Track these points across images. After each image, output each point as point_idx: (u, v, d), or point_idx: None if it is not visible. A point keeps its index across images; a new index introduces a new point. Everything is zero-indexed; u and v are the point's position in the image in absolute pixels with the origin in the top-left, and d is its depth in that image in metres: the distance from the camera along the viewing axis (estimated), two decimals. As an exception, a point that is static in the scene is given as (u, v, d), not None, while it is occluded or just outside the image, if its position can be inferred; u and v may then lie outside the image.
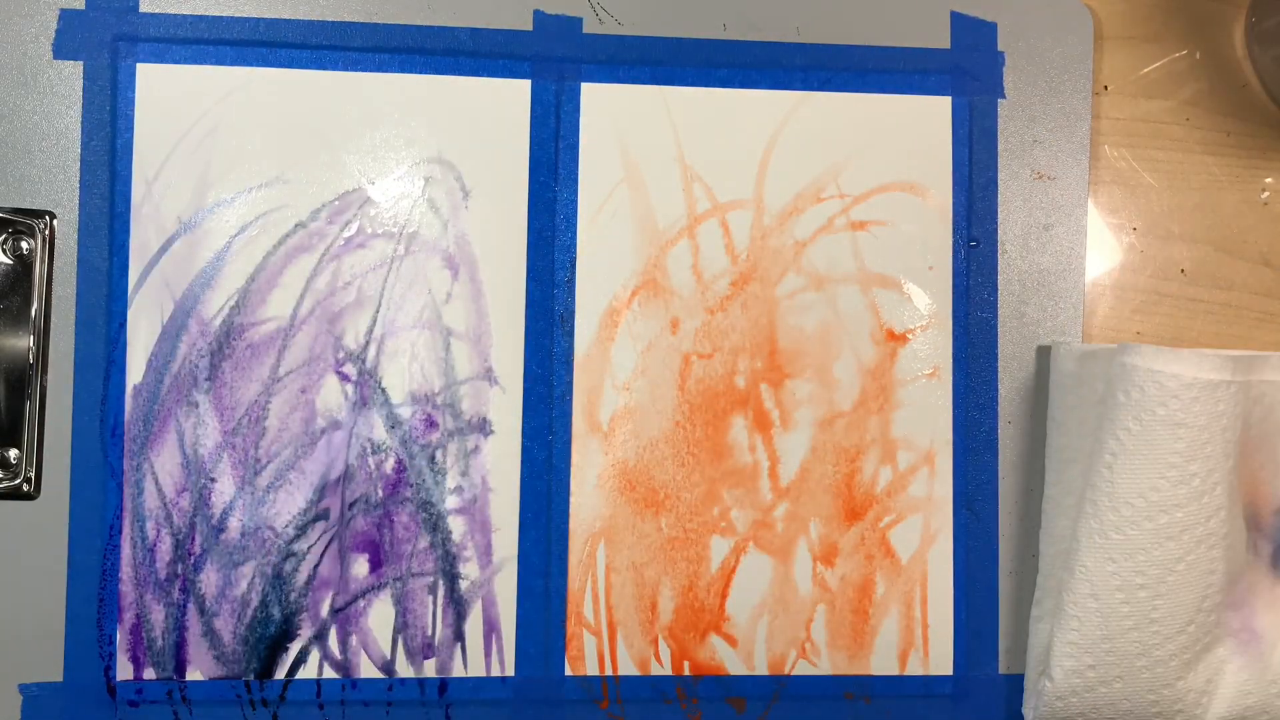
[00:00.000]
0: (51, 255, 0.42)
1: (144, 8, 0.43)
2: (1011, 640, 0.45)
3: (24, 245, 0.42)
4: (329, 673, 0.43)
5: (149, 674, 0.42)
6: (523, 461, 0.44)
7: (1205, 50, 0.47)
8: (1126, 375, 0.41)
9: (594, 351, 0.44)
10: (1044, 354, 0.45)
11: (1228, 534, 0.42)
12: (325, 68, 0.44)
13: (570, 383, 0.44)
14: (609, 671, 0.44)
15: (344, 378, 0.43)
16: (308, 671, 0.43)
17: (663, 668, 0.44)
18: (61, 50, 0.43)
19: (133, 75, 0.43)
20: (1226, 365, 0.41)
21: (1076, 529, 0.42)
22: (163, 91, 0.43)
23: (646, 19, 0.45)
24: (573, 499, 0.44)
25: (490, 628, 0.43)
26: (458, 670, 0.43)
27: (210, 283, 0.43)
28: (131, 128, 0.43)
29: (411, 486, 0.43)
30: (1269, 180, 0.47)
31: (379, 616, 0.43)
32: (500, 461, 0.43)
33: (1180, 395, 0.40)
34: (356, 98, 0.44)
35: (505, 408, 0.44)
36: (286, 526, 0.43)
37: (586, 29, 0.45)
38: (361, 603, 0.43)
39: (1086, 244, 0.46)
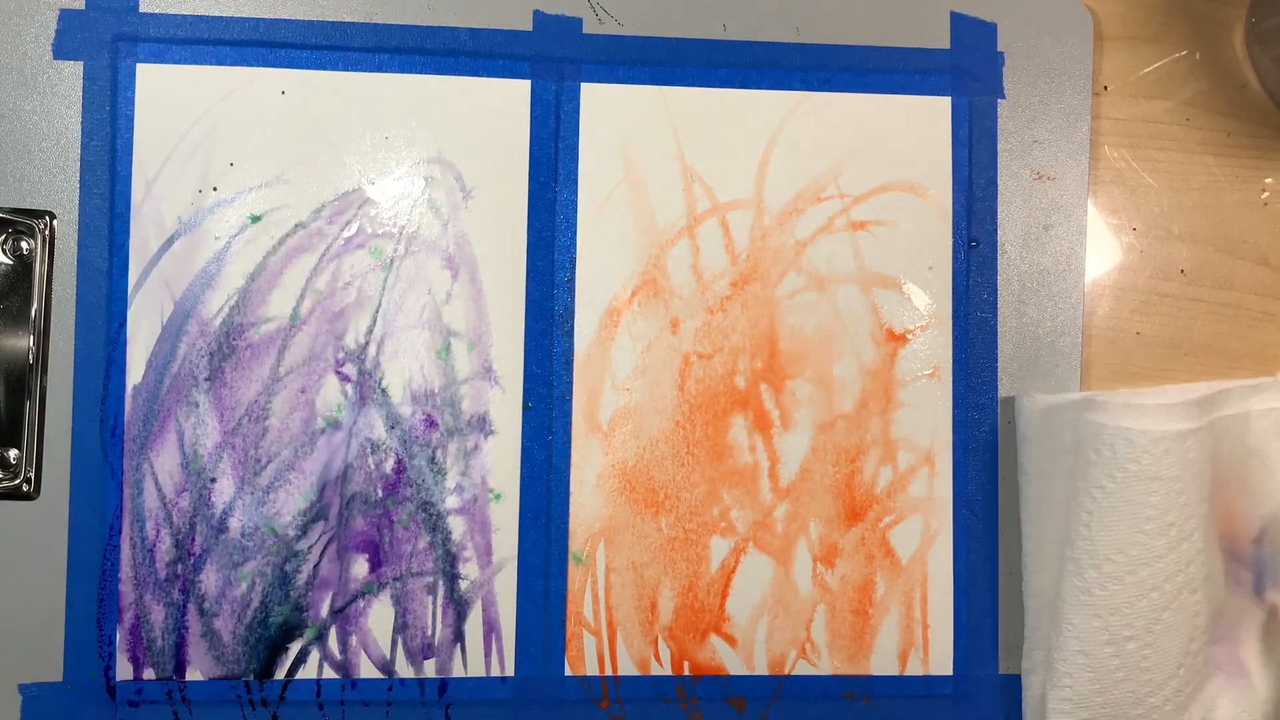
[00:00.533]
0: (51, 255, 0.42)
1: (144, 8, 0.43)
2: (1011, 640, 0.45)
3: (24, 245, 0.42)
4: (329, 673, 0.43)
5: (149, 674, 0.42)
6: (523, 461, 0.44)
7: (1205, 50, 0.47)
8: (1096, 434, 0.41)
9: (594, 351, 0.44)
10: (1010, 406, 0.45)
11: (1208, 575, 0.42)
12: (325, 68, 0.44)
13: (570, 383, 0.44)
14: (609, 671, 0.44)
15: (344, 378, 0.43)
16: (308, 671, 0.43)
17: (663, 668, 0.44)
18: (61, 50, 0.43)
19: (133, 75, 0.43)
20: (1192, 412, 0.41)
21: (1060, 587, 0.42)
22: (163, 91, 0.43)
23: (646, 19, 0.45)
24: (573, 499, 0.44)
25: (490, 628, 0.43)
26: (458, 670, 0.43)
27: (210, 283, 0.43)
28: (131, 128, 0.43)
29: (411, 486, 0.43)
30: (1269, 180, 0.47)
31: (379, 616, 0.43)
32: (500, 461, 0.44)
33: (1151, 450, 0.40)
34: (356, 98, 0.44)
35: (505, 408, 0.44)
36: (286, 526, 0.43)
37: (586, 29, 0.45)
38: (361, 603, 0.43)
39: (1086, 244, 0.46)
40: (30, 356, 0.42)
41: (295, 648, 0.43)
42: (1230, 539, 0.44)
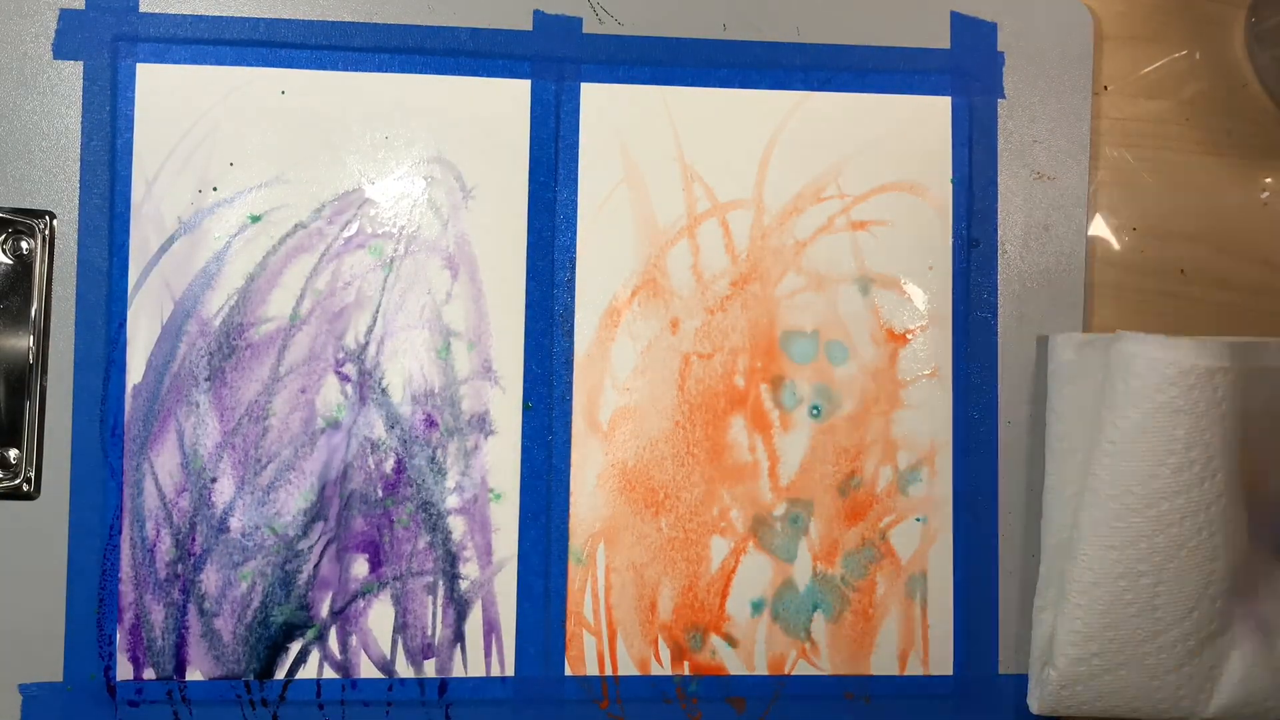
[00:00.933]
0: (51, 255, 0.42)
1: (144, 8, 0.43)
2: (1011, 640, 0.45)
3: (24, 245, 0.42)
4: (329, 673, 0.43)
5: (149, 674, 0.42)
6: (523, 461, 0.44)
7: (1205, 50, 0.47)
8: (1125, 363, 0.41)
9: (594, 351, 0.44)
10: (1044, 344, 0.45)
11: (1230, 521, 0.42)
12: (325, 68, 0.44)
13: (570, 383, 0.44)
14: (609, 671, 0.44)
15: (344, 378, 0.43)
16: (308, 671, 0.43)
17: (663, 668, 0.44)
18: (61, 50, 0.43)
19: (133, 75, 0.43)
20: (1225, 352, 0.41)
21: (1078, 517, 0.42)
22: (163, 91, 0.43)
23: (646, 19, 0.45)
24: (573, 499, 0.44)
25: (490, 628, 0.43)
26: (458, 670, 0.43)
27: (210, 283, 0.43)
28: (131, 128, 0.43)
29: (411, 486, 0.43)
30: (1269, 180, 0.47)
31: (379, 616, 0.43)
32: (500, 461, 0.44)
33: (1179, 383, 0.40)
34: (356, 98, 0.44)
35: (505, 408, 0.44)
36: (287, 526, 0.43)
37: (586, 29, 0.45)
38: (361, 603, 0.43)
39: (1086, 244, 0.46)
40: (30, 356, 0.42)
41: (295, 648, 0.43)
42: (1255, 495, 0.44)
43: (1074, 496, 0.43)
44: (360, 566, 0.43)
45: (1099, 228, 0.47)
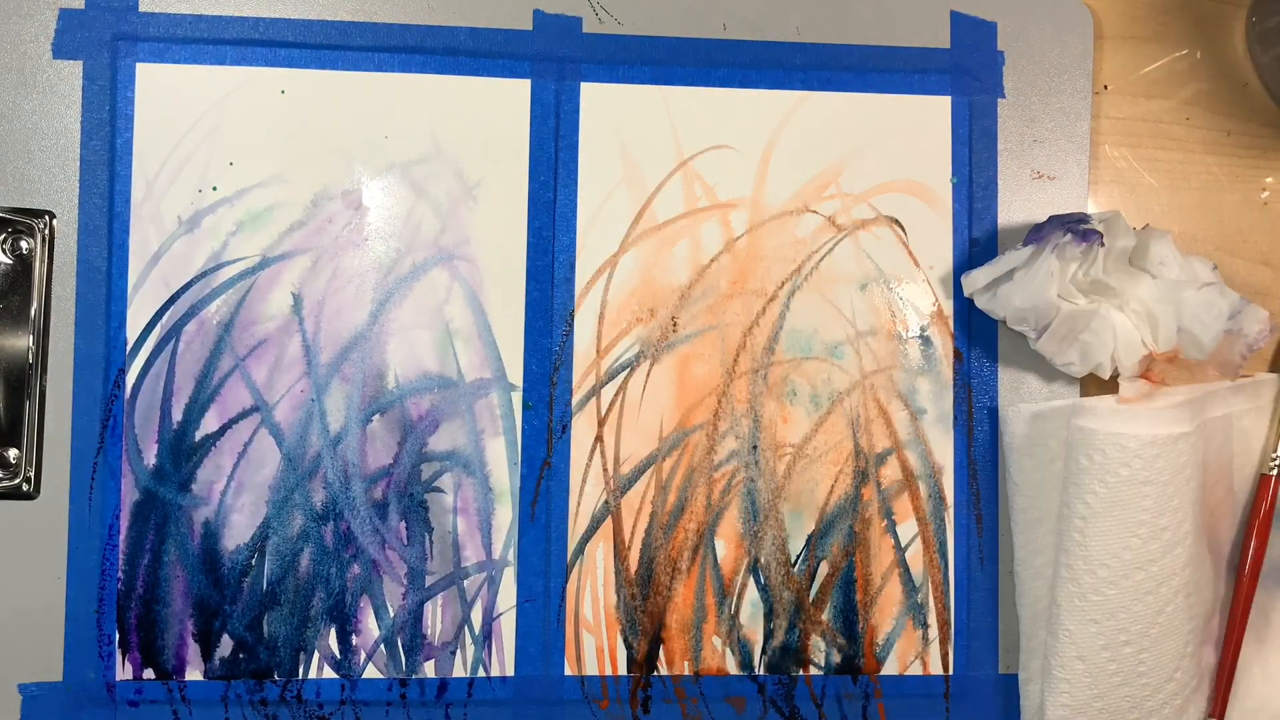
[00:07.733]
0: (51, 255, 0.42)
1: (143, 7, 0.43)
2: (1011, 640, 0.45)
3: (24, 245, 0.42)
4: (329, 673, 0.43)
5: (149, 674, 0.42)
6: (523, 462, 0.44)
7: (1205, 50, 0.47)
8: (1087, 439, 0.41)
9: (593, 351, 0.44)
10: (997, 416, 0.45)
11: (1200, 577, 0.42)
12: (325, 67, 0.44)
13: (570, 382, 0.44)
14: (609, 671, 0.44)
15: (344, 377, 0.43)
16: (308, 672, 0.43)
17: (663, 668, 0.44)
18: (61, 50, 0.43)
19: (132, 75, 0.43)
20: (1184, 416, 0.41)
21: (1055, 593, 0.42)
22: (163, 91, 0.43)
23: (646, 19, 0.45)
24: (572, 498, 0.44)
25: (490, 628, 0.43)
26: (458, 670, 0.43)
27: (210, 282, 0.43)
28: (131, 127, 0.43)
29: (411, 486, 0.43)
30: (1269, 180, 0.47)
31: (379, 616, 0.43)
32: (500, 460, 0.43)
33: (1143, 454, 0.40)
34: (356, 97, 0.44)
35: (505, 407, 0.44)
36: (286, 526, 0.43)
37: (586, 28, 0.45)
38: (361, 602, 0.43)
39: (1086, 244, 0.46)
40: (30, 356, 0.42)
41: (295, 648, 0.43)
42: (1215, 540, 0.44)
43: (1046, 565, 0.43)
44: (360, 566, 0.43)
45: (1099, 227, 0.46)
